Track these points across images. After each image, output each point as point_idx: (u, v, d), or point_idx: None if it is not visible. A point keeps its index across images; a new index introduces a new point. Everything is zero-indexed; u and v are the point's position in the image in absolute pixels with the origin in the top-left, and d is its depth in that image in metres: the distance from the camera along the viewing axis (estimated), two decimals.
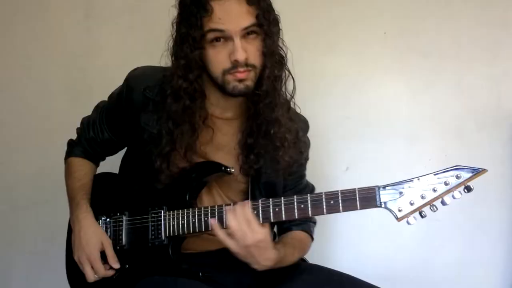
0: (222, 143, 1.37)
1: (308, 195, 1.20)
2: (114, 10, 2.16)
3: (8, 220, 2.18)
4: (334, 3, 2.07)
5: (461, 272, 2.01)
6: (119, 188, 1.47)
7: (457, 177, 1.09)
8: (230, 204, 1.27)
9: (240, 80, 1.24)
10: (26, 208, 2.16)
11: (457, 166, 1.10)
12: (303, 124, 1.47)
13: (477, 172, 1.08)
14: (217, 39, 1.22)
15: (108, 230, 1.43)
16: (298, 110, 1.43)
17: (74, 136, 1.58)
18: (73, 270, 1.46)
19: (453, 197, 1.10)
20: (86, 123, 1.54)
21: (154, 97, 1.34)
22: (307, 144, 1.47)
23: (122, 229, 1.41)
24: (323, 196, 1.17)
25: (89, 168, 1.54)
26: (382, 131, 2.04)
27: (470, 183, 1.09)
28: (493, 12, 2.00)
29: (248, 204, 1.23)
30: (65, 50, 2.17)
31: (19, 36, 2.19)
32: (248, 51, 1.22)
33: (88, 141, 1.52)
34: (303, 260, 1.46)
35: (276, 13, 1.29)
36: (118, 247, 1.40)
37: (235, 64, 1.22)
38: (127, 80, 1.41)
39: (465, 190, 1.09)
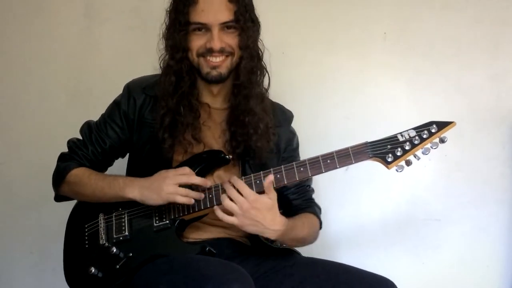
0: (214, 129, 1.49)
1: (306, 159, 1.31)
2: (114, 10, 2.15)
3: (8, 220, 2.18)
4: (334, 4, 2.07)
5: (461, 272, 2.01)
6: None
7: (432, 130, 1.28)
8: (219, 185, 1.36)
9: (214, 67, 1.39)
10: (26, 208, 2.16)
11: (431, 121, 1.29)
12: (285, 116, 1.59)
13: (446, 125, 1.28)
14: (199, 28, 1.39)
15: (109, 225, 1.44)
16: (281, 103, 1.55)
17: (73, 135, 1.58)
18: (72, 269, 1.48)
19: (431, 147, 1.29)
20: (74, 144, 1.53)
21: (154, 94, 1.46)
22: (277, 135, 1.52)
23: (124, 221, 1.43)
24: (320, 158, 1.30)
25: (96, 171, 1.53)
26: (382, 131, 2.03)
27: (444, 135, 1.28)
28: (493, 12, 2.00)
29: (235, 177, 1.32)
30: (64, 50, 2.17)
31: (19, 36, 2.18)
32: (225, 41, 1.38)
33: (85, 158, 1.51)
34: (297, 254, 1.49)
35: (257, 13, 1.44)
36: (121, 238, 1.42)
37: (210, 50, 1.37)
38: (127, 85, 1.53)
39: (440, 141, 1.28)
